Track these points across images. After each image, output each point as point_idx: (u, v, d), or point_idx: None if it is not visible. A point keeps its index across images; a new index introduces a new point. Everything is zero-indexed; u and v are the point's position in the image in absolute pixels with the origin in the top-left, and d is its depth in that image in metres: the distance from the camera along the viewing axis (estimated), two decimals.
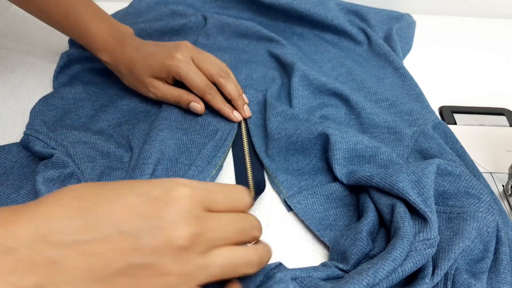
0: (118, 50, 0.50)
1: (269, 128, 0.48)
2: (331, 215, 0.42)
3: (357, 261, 0.36)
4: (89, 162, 0.45)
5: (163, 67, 0.48)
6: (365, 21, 0.67)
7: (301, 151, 0.47)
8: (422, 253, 0.33)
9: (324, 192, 0.43)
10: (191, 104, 0.50)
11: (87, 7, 0.50)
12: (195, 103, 0.50)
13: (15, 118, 0.52)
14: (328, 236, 0.40)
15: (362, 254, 0.36)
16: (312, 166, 0.46)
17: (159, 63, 0.48)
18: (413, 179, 0.37)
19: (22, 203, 0.40)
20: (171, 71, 0.48)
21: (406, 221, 0.35)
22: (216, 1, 0.67)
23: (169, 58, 0.48)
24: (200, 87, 0.49)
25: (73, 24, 0.50)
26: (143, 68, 0.49)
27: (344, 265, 0.35)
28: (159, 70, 0.49)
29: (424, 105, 0.53)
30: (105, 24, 0.51)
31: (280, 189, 0.44)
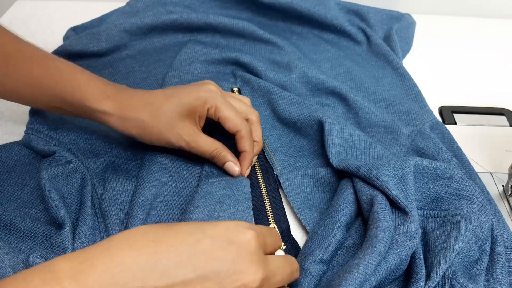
0: (124, 95, 0.42)
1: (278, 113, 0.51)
2: (316, 197, 0.43)
3: (335, 250, 0.36)
4: (92, 157, 0.45)
5: (198, 100, 0.41)
6: (365, 21, 0.67)
7: (306, 136, 0.49)
8: (403, 245, 0.34)
9: (315, 175, 0.44)
10: (228, 163, 0.43)
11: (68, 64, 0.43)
12: (233, 164, 0.43)
13: (15, 118, 0.52)
14: (305, 215, 0.41)
15: (339, 243, 0.37)
16: (312, 151, 0.48)
17: (192, 97, 0.41)
18: (399, 174, 0.38)
19: (26, 200, 0.41)
20: (207, 102, 0.41)
21: (387, 214, 0.36)
22: (214, 1, 0.67)
23: (202, 90, 0.42)
24: (237, 120, 0.42)
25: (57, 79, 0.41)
26: (172, 107, 0.41)
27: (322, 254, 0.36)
28: (193, 105, 0.41)
29: (422, 105, 0.53)
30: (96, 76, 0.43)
31: (275, 166, 0.46)
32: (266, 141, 0.48)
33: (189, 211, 0.39)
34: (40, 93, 0.41)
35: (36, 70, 0.41)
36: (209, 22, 0.61)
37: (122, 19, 0.63)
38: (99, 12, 0.67)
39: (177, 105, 0.41)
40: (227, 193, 0.41)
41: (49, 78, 0.41)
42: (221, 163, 0.43)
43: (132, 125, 0.41)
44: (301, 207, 0.42)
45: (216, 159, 0.43)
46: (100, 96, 0.41)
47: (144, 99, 0.42)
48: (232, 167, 0.43)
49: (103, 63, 0.59)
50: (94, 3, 0.71)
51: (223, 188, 0.41)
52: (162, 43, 0.62)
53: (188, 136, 0.41)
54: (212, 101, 0.42)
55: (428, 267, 0.35)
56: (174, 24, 0.61)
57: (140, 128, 0.41)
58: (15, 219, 0.39)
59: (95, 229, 0.40)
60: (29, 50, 0.41)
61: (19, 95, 0.42)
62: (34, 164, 0.46)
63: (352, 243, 0.38)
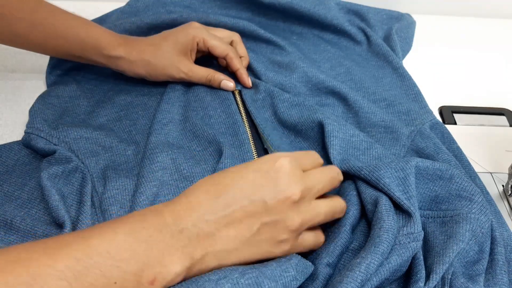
0: (133, 43, 0.52)
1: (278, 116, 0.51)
2: None
3: (341, 253, 0.37)
4: (93, 156, 0.45)
5: (187, 36, 0.52)
6: (365, 21, 0.67)
7: (307, 139, 0.49)
8: (406, 246, 0.34)
9: None
10: (223, 82, 0.53)
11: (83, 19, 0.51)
12: (227, 81, 0.53)
13: (15, 118, 0.52)
14: None
15: (345, 247, 0.37)
16: None
17: (183, 36, 0.52)
18: (401, 176, 0.38)
19: (26, 199, 0.42)
20: (195, 37, 0.52)
21: (391, 215, 0.36)
22: (214, 1, 0.67)
23: (190, 28, 0.53)
24: (223, 46, 0.53)
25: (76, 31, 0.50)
26: (169, 46, 0.51)
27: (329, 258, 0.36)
28: (184, 41, 0.52)
29: (422, 105, 0.53)
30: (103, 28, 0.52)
31: None
32: (268, 139, 0.48)
33: None
34: (63, 44, 0.50)
35: (59, 23, 0.49)
36: (209, 21, 0.61)
37: (122, 19, 0.63)
38: (99, 12, 0.67)
39: (173, 44, 0.51)
40: None
41: (71, 31, 0.49)
42: (217, 83, 0.53)
43: (140, 66, 0.52)
44: None
45: (212, 81, 0.53)
46: (113, 44, 0.51)
47: (147, 42, 0.52)
48: (227, 83, 0.53)
49: None
50: (94, 3, 0.71)
51: None
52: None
53: (185, 68, 0.52)
54: (199, 35, 0.52)
55: (427, 268, 0.35)
56: (174, 23, 0.61)
57: (146, 67, 0.52)
58: (15, 219, 0.39)
59: None
60: (51, 6, 0.49)
61: (44, 45, 0.50)
62: (34, 163, 0.46)
63: (357, 246, 0.37)
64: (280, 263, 0.32)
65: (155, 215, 0.31)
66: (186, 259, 0.30)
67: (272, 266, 0.31)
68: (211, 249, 0.31)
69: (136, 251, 0.29)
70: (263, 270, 0.31)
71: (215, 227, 0.32)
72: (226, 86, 0.53)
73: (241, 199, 0.32)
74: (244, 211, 0.32)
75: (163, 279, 0.29)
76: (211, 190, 0.33)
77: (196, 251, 0.31)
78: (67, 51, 0.51)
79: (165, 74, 0.53)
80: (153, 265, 0.29)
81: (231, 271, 0.30)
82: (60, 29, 0.49)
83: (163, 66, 0.52)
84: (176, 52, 0.52)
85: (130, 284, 0.28)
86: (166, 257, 0.30)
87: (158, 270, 0.29)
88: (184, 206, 0.32)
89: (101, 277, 0.27)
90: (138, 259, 0.29)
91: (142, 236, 0.30)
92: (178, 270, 0.30)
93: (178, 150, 0.46)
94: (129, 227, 0.30)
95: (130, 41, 0.52)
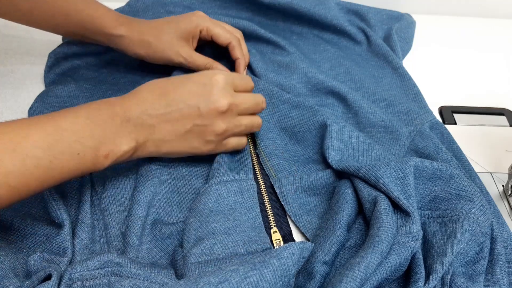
0: (134, 23, 0.52)
1: (277, 117, 0.51)
2: (312, 201, 0.43)
3: (337, 251, 0.37)
4: None
5: (190, 23, 0.52)
6: (364, 21, 0.67)
7: (302, 142, 0.49)
8: (405, 246, 0.34)
9: (310, 179, 0.44)
10: None
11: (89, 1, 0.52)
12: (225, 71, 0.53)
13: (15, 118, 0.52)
14: (303, 222, 0.41)
15: (341, 244, 0.37)
16: (307, 157, 0.47)
17: (185, 22, 0.52)
18: (400, 176, 0.38)
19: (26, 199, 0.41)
20: (198, 25, 0.53)
21: (390, 214, 0.36)
22: (214, 1, 0.67)
23: (194, 15, 0.53)
24: (227, 35, 0.54)
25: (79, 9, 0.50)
26: (170, 31, 0.52)
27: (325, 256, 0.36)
28: (187, 28, 0.52)
29: (421, 105, 0.53)
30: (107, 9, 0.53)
31: (270, 172, 0.46)
32: (261, 145, 0.48)
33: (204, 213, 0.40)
34: (65, 21, 0.51)
35: (62, 1, 0.49)
36: None
37: None
38: None
39: (175, 28, 0.52)
40: (238, 199, 0.42)
41: (73, 8, 0.50)
42: None
43: (140, 46, 0.53)
44: (298, 213, 0.42)
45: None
46: (115, 23, 0.51)
47: (149, 24, 0.53)
48: None
49: (102, 62, 0.59)
50: None
51: (234, 194, 0.43)
52: None
53: (185, 53, 0.53)
54: (203, 24, 0.53)
55: (427, 267, 0.35)
56: None
57: (146, 48, 0.53)
58: (15, 219, 0.39)
59: (94, 228, 0.40)
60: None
61: (46, 23, 0.51)
62: None
63: (353, 244, 0.38)
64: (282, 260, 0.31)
65: (108, 106, 0.38)
66: (132, 141, 0.38)
67: (274, 266, 0.31)
68: (151, 137, 0.40)
69: (93, 131, 0.36)
70: (264, 273, 0.30)
71: (155, 121, 0.39)
72: None
73: (180, 102, 0.40)
74: (181, 113, 0.40)
75: (114, 154, 0.37)
76: (156, 91, 0.40)
77: (139, 137, 0.39)
78: (68, 29, 0.52)
79: (164, 57, 0.53)
80: (107, 143, 0.37)
81: (232, 274, 0.30)
82: (63, 7, 0.49)
83: (163, 49, 0.52)
84: (177, 36, 0.52)
85: (89, 156, 0.36)
86: (117, 139, 0.38)
87: (110, 147, 0.37)
88: (133, 101, 0.39)
89: (68, 148, 0.34)
90: (95, 138, 0.36)
91: (98, 121, 0.37)
92: (126, 148, 0.38)
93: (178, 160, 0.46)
94: (88, 112, 0.37)
95: (133, 21, 0.53)
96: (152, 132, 0.40)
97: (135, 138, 0.39)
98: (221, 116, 0.41)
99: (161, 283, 0.32)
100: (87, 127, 0.36)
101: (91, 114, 0.37)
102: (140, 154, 0.40)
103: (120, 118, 0.38)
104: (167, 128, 0.40)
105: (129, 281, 0.31)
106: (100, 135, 0.36)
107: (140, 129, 0.39)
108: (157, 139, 0.40)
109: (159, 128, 0.40)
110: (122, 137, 0.38)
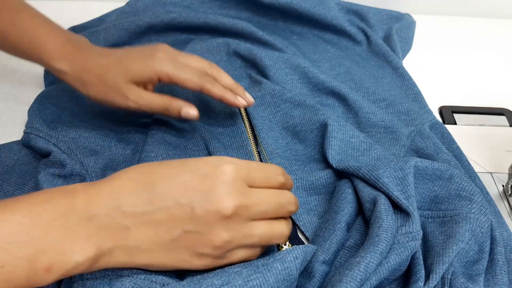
0: (80, 56, 0.43)
1: (279, 116, 0.50)
2: (312, 200, 0.43)
3: (337, 250, 0.37)
4: (92, 156, 0.45)
5: (145, 67, 0.42)
6: (364, 21, 0.67)
7: (303, 141, 0.48)
8: (405, 246, 0.34)
9: (311, 178, 0.44)
10: (183, 110, 0.43)
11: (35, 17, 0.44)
12: (188, 108, 0.43)
13: (15, 118, 0.52)
14: (303, 221, 0.41)
15: (341, 244, 0.37)
16: (308, 156, 0.48)
17: (140, 65, 0.42)
18: (399, 176, 0.38)
19: None
20: (156, 71, 0.42)
21: (390, 214, 0.36)
22: (214, 1, 0.67)
23: (151, 58, 0.42)
24: (195, 79, 0.43)
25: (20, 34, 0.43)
26: (119, 73, 0.42)
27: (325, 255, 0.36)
28: (139, 72, 0.42)
29: (421, 105, 0.53)
30: (58, 31, 0.44)
31: None
32: (262, 143, 0.48)
33: None
34: (7, 44, 0.44)
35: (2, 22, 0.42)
36: (208, 21, 0.61)
37: (121, 19, 0.63)
38: (99, 12, 0.67)
39: (125, 70, 0.42)
40: None
41: (14, 31, 0.43)
42: (176, 112, 0.43)
43: (81, 85, 0.43)
44: (298, 212, 0.42)
45: (170, 110, 0.43)
46: (57, 54, 0.43)
47: (97, 61, 0.43)
48: (188, 111, 0.43)
49: None
50: (94, 3, 0.71)
51: None
52: (160, 41, 0.62)
53: (134, 96, 0.42)
54: (161, 70, 0.42)
55: (427, 267, 0.35)
56: (173, 22, 0.61)
57: (88, 88, 0.43)
58: None
59: None
60: None
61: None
62: (33, 163, 0.46)
63: (353, 243, 0.38)
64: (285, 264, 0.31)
65: (66, 197, 0.29)
66: (92, 249, 0.28)
67: (277, 269, 0.31)
68: (122, 243, 0.29)
69: (30, 234, 0.27)
70: (267, 276, 0.30)
71: (131, 222, 0.29)
72: (187, 114, 0.43)
73: (167, 198, 0.30)
74: (168, 213, 0.30)
75: (60, 267, 0.27)
76: (140, 180, 0.30)
77: (104, 243, 0.29)
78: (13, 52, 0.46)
79: (109, 101, 0.43)
80: (49, 251, 0.27)
81: (235, 277, 0.30)
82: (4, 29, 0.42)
83: (106, 92, 0.43)
84: (126, 80, 0.42)
85: (22, 269, 0.26)
86: (67, 245, 0.27)
87: (55, 257, 0.27)
88: (104, 191, 0.29)
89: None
90: (32, 244, 0.26)
91: (42, 220, 0.27)
92: (80, 259, 0.28)
93: (174, 150, 0.46)
94: (29, 207, 0.28)
95: (79, 54, 0.43)
96: (124, 237, 0.29)
97: (97, 244, 0.28)
98: (224, 222, 0.30)
99: (162, 283, 0.32)
100: (22, 228, 0.26)
101: (33, 209, 0.27)
102: (104, 265, 0.29)
103: (78, 216, 0.28)
104: (146, 233, 0.29)
105: (130, 280, 0.31)
106: (40, 241, 0.27)
107: (106, 232, 0.29)
108: (131, 247, 0.29)
109: (135, 232, 0.29)
110: (76, 242, 0.28)
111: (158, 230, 0.30)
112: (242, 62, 0.59)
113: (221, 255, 0.31)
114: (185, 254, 0.31)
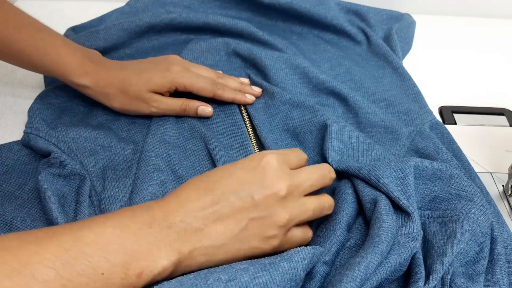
0: (101, 72, 0.48)
1: (278, 118, 0.50)
2: None
3: (337, 251, 0.37)
4: (92, 155, 0.45)
5: (164, 80, 0.48)
6: (364, 21, 0.67)
7: (303, 143, 0.48)
8: (405, 246, 0.34)
9: None
10: (200, 108, 0.50)
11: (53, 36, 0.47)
12: (204, 107, 0.50)
13: (15, 118, 0.52)
14: None
15: (341, 244, 0.37)
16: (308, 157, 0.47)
17: (159, 78, 0.48)
18: (400, 176, 0.38)
19: (26, 199, 0.42)
20: (174, 82, 0.48)
21: (390, 214, 0.36)
22: (214, 1, 0.67)
23: (169, 71, 0.48)
24: (208, 87, 0.50)
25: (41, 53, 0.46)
26: (140, 84, 0.47)
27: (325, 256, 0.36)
28: (159, 83, 0.48)
29: (421, 105, 0.53)
30: (76, 48, 0.48)
31: None
32: (265, 142, 0.48)
33: None
34: (28, 62, 0.47)
35: (23, 42, 0.45)
36: (208, 22, 0.61)
37: (121, 19, 0.63)
38: (99, 12, 0.67)
39: (145, 82, 0.47)
40: None
41: (35, 50, 0.46)
42: (194, 111, 0.50)
43: (106, 98, 0.48)
44: None
45: (188, 110, 0.50)
46: (79, 71, 0.47)
47: (117, 75, 0.48)
48: (204, 109, 0.50)
49: None
50: (94, 3, 0.71)
51: None
52: (160, 41, 0.62)
53: (156, 102, 0.48)
54: (178, 81, 0.48)
55: (427, 267, 0.35)
56: (173, 22, 0.61)
57: (112, 100, 0.48)
58: (15, 219, 0.39)
59: None
60: (18, 19, 0.45)
61: (9, 60, 0.48)
62: (33, 163, 0.46)
63: (354, 244, 0.38)
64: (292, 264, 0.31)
65: (145, 211, 0.32)
66: (174, 253, 0.31)
67: (284, 269, 0.31)
68: (199, 245, 0.32)
69: (123, 244, 0.30)
70: (273, 275, 0.30)
71: (203, 223, 0.33)
72: (204, 112, 0.50)
73: (229, 195, 0.34)
74: (232, 207, 0.33)
75: (150, 272, 0.30)
76: (201, 187, 0.34)
77: (184, 246, 0.32)
78: (33, 69, 0.49)
79: (132, 109, 0.49)
80: (140, 258, 0.30)
81: (242, 273, 0.30)
82: (24, 48, 0.45)
83: (130, 103, 0.48)
84: (147, 90, 0.48)
85: (117, 275, 0.29)
86: (154, 251, 0.30)
87: (145, 263, 0.30)
88: (174, 202, 0.33)
89: (89, 268, 0.28)
90: (125, 252, 0.29)
91: (131, 230, 0.30)
92: (166, 264, 0.30)
93: (173, 150, 0.46)
94: (118, 220, 0.31)
95: (99, 69, 0.48)
96: (200, 238, 0.32)
97: (178, 249, 0.31)
98: (281, 202, 0.34)
99: None
100: (115, 238, 0.30)
101: (122, 222, 0.31)
102: (185, 268, 0.32)
103: (160, 225, 0.31)
104: (218, 229, 0.33)
105: None
106: (132, 248, 0.30)
107: (184, 236, 0.32)
108: (207, 246, 0.33)
109: (208, 231, 0.33)
110: (162, 249, 0.31)
111: (227, 224, 0.33)
112: (241, 62, 0.59)
113: (285, 234, 0.35)
114: (255, 241, 0.34)
